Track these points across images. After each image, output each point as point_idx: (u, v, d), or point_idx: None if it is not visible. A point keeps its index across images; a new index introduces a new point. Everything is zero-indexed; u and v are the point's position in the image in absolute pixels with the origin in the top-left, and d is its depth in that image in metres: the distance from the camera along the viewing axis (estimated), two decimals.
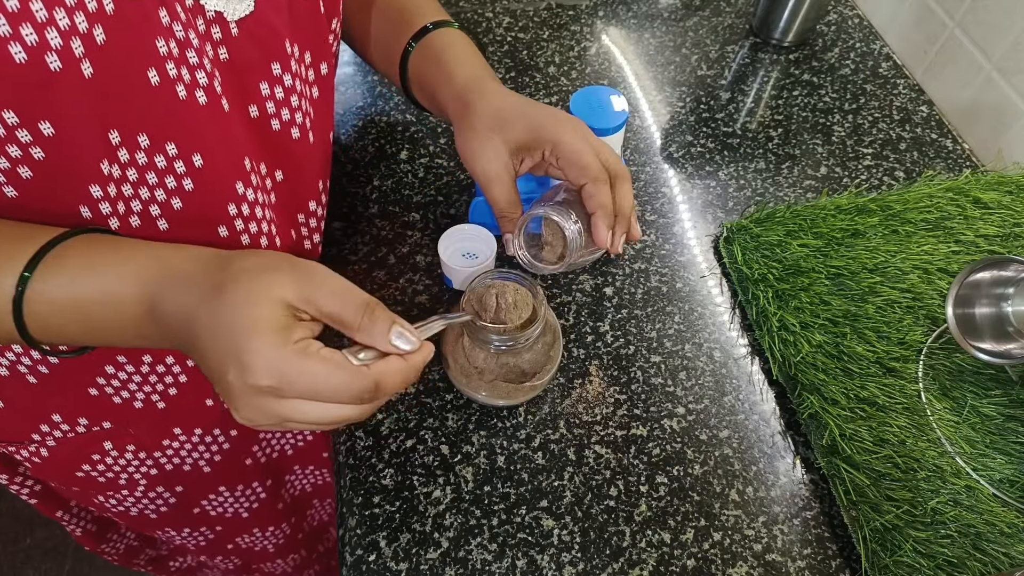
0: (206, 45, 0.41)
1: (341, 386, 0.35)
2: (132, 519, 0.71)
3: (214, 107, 0.42)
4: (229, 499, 0.74)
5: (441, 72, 0.55)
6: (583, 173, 0.49)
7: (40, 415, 0.55)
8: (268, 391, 0.34)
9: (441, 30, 0.57)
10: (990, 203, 0.68)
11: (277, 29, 0.43)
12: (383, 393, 0.37)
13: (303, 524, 0.90)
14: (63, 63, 0.33)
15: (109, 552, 0.82)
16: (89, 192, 0.39)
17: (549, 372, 0.55)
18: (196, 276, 0.37)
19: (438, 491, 0.54)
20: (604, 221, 0.50)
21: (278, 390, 0.34)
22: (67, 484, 0.63)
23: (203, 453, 0.66)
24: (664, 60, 0.86)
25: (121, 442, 0.60)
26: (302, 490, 0.86)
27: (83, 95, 0.35)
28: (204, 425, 0.63)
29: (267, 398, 0.35)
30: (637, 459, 0.56)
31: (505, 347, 0.52)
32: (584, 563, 0.51)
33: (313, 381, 0.34)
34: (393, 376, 0.37)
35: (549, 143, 0.50)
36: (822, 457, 0.55)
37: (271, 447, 0.74)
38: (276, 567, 0.93)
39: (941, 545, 0.49)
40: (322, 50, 0.50)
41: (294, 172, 0.52)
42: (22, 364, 0.50)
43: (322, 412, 0.36)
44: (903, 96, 0.83)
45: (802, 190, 0.73)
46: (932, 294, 0.61)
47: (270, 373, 0.34)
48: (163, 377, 0.56)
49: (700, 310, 0.64)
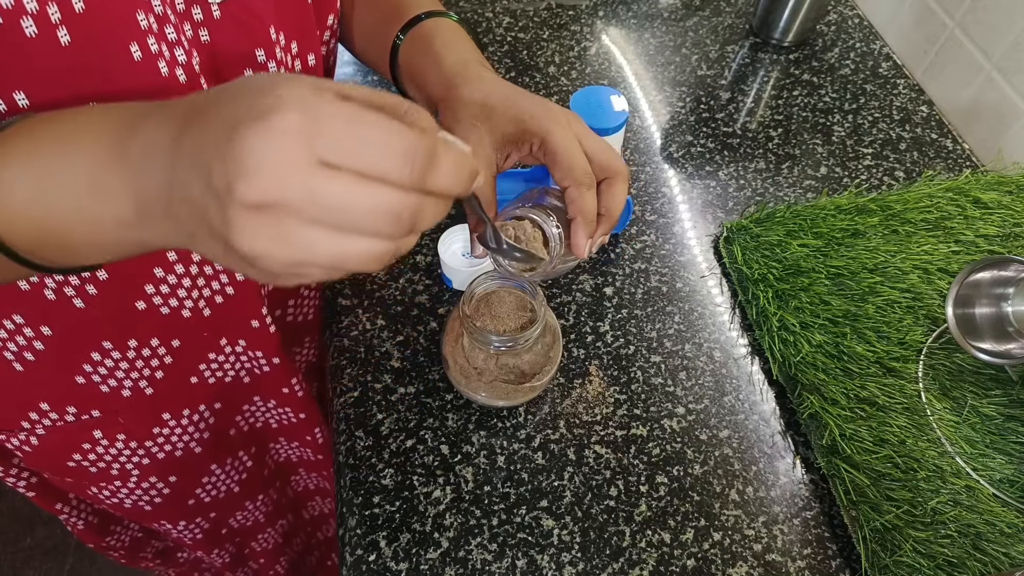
0: (184, 24, 0.40)
1: (394, 134, 0.26)
2: (127, 511, 0.71)
3: (193, 87, 0.41)
4: (221, 476, 0.74)
5: (429, 58, 0.52)
6: (567, 175, 0.45)
7: (28, 403, 0.55)
8: (295, 136, 0.25)
9: (434, 19, 0.55)
10: (990, 203, 0.68)
11: (261, 15, 0.43)
12: (434, 176, 0.28)
13: (287, 489, 0.90)
14: (39, 28, 0.32)
15: (114, 546, 0.82)
16: None
17: (549, 373, 0.55)
18: (176, 104, 0.30)
19: (438, 491, 0.54)
20: (584, 229, 0.46)
21: (311, 136, 0.25)
22: (60, 475, 0.63)
23: (192, 434, 0.66)
24: (664, 60, 0.86)
25: (111, 431, 0.60)
26: (287, 458, 0.86)
27: (59, 63, 0.34)
28: (191, 404, 0.63)
29: (294, 158, 0.25)
30: (637, 459, 0.56)
31: (505, 348, 0.52)
32: (584, 563, 0.51)
33: (359, 121, 0.26)
34: (448, 158, 0.28)
35: (538, 137, 0.46)
36: (822, 457, 0.55)
37: (255, 417, 0.74)
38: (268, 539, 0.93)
39: (941, 545, 0.49)
40: (309, 40, 0.49)
41: None
42: (8, 351, 0.50)
43: (359, 195, 0.26)
44: (903, 96, 0.83)
45: (802, 190, 0.73)
46: (932, 294, 0.61)
47: (301, 106, 0.25)
48: (149, 361, 0.56)
49: (700, 310, 0.64)
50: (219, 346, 0.61)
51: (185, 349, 0.57)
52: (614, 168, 0.47)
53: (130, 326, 0.52)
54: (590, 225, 0.46)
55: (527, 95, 0.48)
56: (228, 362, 0.63)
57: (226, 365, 0.63)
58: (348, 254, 0.27)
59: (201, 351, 0.60)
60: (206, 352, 0.60)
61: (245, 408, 0.71)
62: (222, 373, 0.64)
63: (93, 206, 0.31)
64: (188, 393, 0.62)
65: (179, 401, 0.62)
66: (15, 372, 0.51)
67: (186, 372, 0.60)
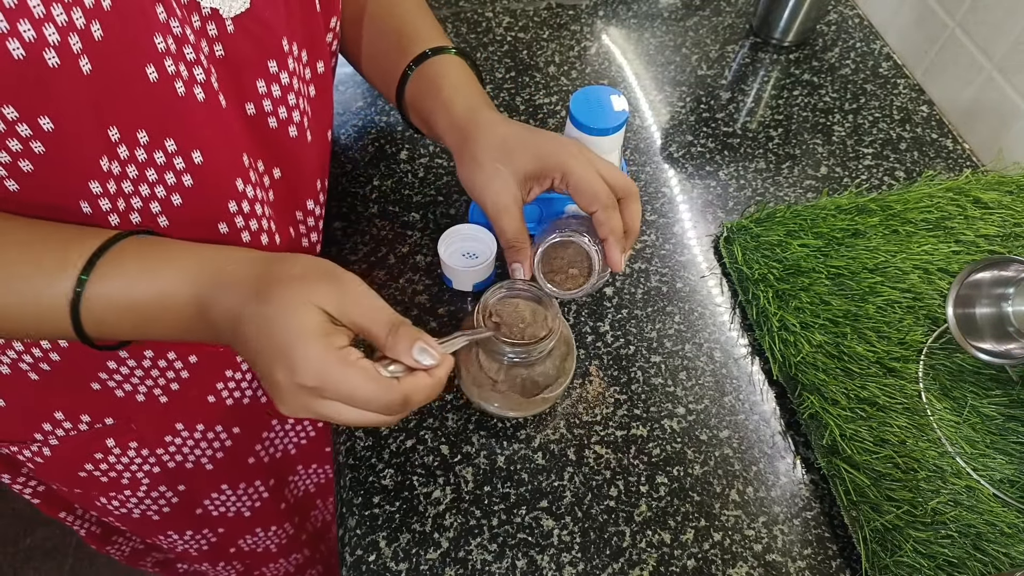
0: (202, 41, 0.41)
1: (373, 397, 0.38)
2: (135, 522, 0.71)
3: (212, 104, 0.42)
4: (232, 498, 0.74)
5: (438, 101, 0.55)
6: (593, 200, 0.50)
7: (43, 413, 0.55)
8: (311, 391, 0.37)
9: (439, 57, 0.57)
10: (990, 203, 0.68)
11: (273, 26, 0.43)
12: (411, 405, 0.40)
13: (306, 524, 0.90)
14: (61, 59, 0.33)
15: (115, 553, 0.82)
16: (89, 188, 0.39)
17: (562, 385, 0.55)
18: (243, 280, 0.40)
19: (438, 491, 0.54)
20: (617, 246, 0.51)
21: (320, 391, 0.37)
22: (70, 485, 0.63)
23: (205, 450, 0.66)
24: (664, 60, 0.86)
25: (124, 439, 0.60)
26: (305, 491, 0.86)
27: (81, 91, 0.35)
28: (206, 421, 0.64)
29: (310, 397, 0.38)
30: (637, 459, 0.56)
31: (519, 359, 0.52)
32: (584, 563, 0.51)
33: (351, 388, 0.37)
34: (420, 391, 0.40)
35: (558, 171, 0.50)
36: (822, 457, 0.54)
37: (274, 446, 0.74)
38: (279, 568, 0.93)
39: (941, 545, 0.49)
40: (319, 48, 0.50)
41: (292, 170, 0.52)
42: (23, 362, 0.50)
43: (355, 416, 0.39)
44: (903, 96, 0.83)
45: (802, 190, 0.73)
46: (932, 294, 0.61)
47: (315, 375, 0.37)
48: (165, 372, 0.56)
49: (700, 310, 0.64)
50: (236, 363, 0.61)
51: (202, 365, 0.58)
52: (627, 188, 0.52)
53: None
54: (621, 241, 0.51)
55: (539, 132, 0.52)
56: (245, 380, 0.63)
57: (243, 384, 0.63)
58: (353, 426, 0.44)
59: (218, 368, 0.60)
60: (223, 369, 0.61)
61: (264, 435, 0.71)
62: (239, 394, 0.64)
63: (176, 336, 0.43)
64: (204, 410, 0.62)
65: (194, 415, 0.63)
66: (31, 382, 0.51)
67: (203, 389, 0.60)
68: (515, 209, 0.51)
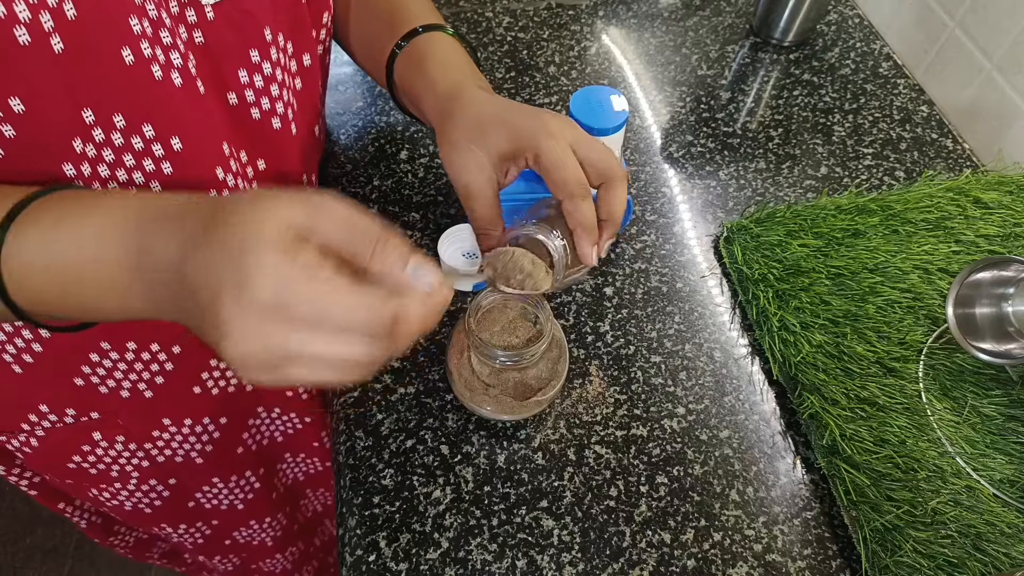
0: (180, 27, 0.40)
1: (353, 307, 0.30)
2: (128, 514, 0.71)
3: (190, 89, 0.41)
4: (223, 490, 0.74)
5: (425, 79, 0.52)
6: (561, 188, 0.45)
7: (27, 404, 0.55)
8: (270, 310, 0.29)
9: (429, 34, 0.54)
10: (990, 203, 0.68)
11: (255, 15, 0.43)
12: (399, 332, 0.31)
13: (297, 515, 0.90)
14: (32, 37, 0.33)
15: (119, 545, 0.82)
16: (63, 171, 0.38)
17: (555, 387, 0.55)
18: (193, 211, 0.33)
19: (438, 491, 0.54)
20: (586, 238, 0.46)
21: (282, 309, 0.29)
22: (60, 476, 0.63)
23: (194, 444, 0.66)
24: (664, 60, 0.86)
25: (111, 433, 0.60)
26: (295, 479, 0.86)
27: (53, 71, 0.34)
28: (193, 415, 0.63)
29: (267, 321, 0.29)
30: (637, 459, 0.56)
31: (510, 363, 0.51)
32: (584, 563, 0.51)
33: (323, 302, 0.29)
34: (414, 314, 0.32)
35: (530, 152, 0.46)
36: (822, 457, 0.54)
37: (261, 434, 0.74)
38: (276, 563, 0.93)
39: (941, 545, 0.49)
40: (304, 40, 0.49)
41: (276, 163, 0.51)
42: (7, 352, 0.50)
43: (329, 346, 0.30)
44: (903, 96, 0.83)
45: (802, 190, 0.73)
46: (932, 294, 0.61)
47: (272, 287, 0.29)
48: (148, 365, 0.55)
49: (700, 310, 0.64)
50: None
51: (186, 355, 0.57)
52: (611, 172, 0.46)
53: (127, 329, 0.52)
54: (592, 234, 0.46)
55: (519, 109, 0.47)
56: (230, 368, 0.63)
57: (228, 372, 0.63)
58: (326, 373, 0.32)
59: (203, 357, 0.60)
60: (207, 358, 0.60)
61: (251, 423, 0.71)
62: (224, 382, 0.63)
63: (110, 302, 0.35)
64: (191, 403, 0.62)
65: (181, 409, 0.62)
66: (14, 374, 0.51)
67: (188, 380, 0.60)
68: (489, 192, 0.47)
